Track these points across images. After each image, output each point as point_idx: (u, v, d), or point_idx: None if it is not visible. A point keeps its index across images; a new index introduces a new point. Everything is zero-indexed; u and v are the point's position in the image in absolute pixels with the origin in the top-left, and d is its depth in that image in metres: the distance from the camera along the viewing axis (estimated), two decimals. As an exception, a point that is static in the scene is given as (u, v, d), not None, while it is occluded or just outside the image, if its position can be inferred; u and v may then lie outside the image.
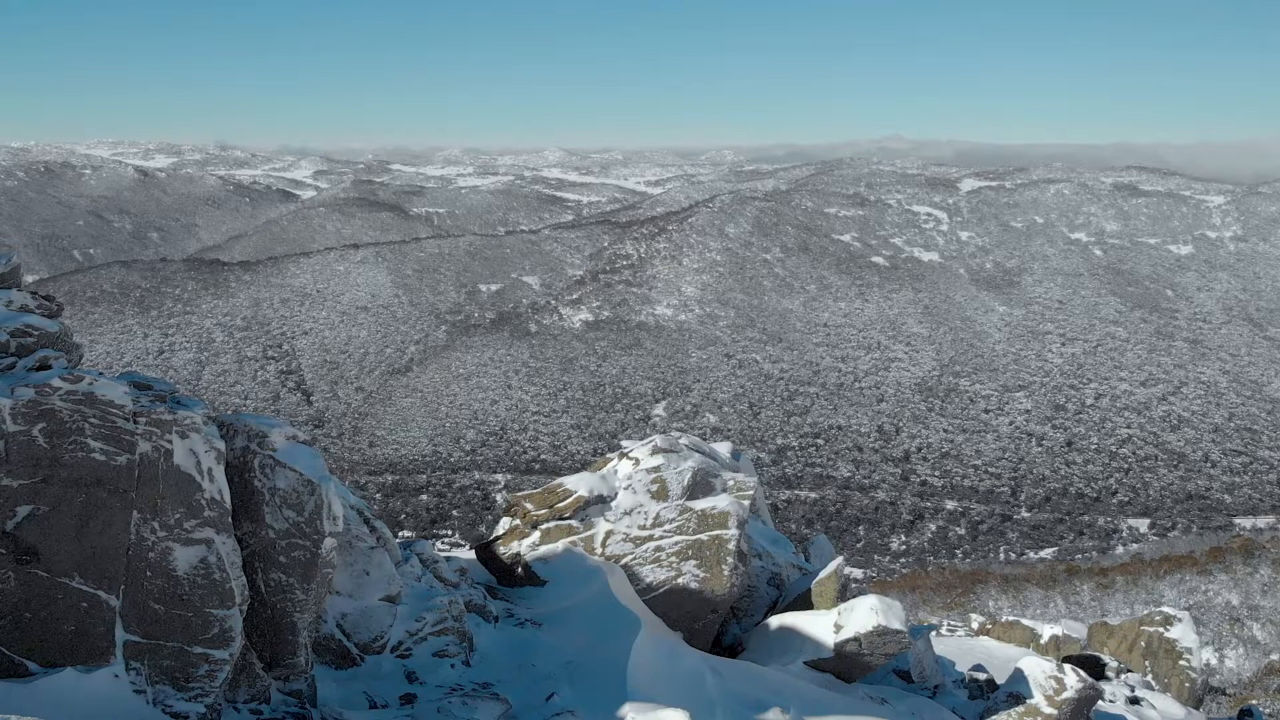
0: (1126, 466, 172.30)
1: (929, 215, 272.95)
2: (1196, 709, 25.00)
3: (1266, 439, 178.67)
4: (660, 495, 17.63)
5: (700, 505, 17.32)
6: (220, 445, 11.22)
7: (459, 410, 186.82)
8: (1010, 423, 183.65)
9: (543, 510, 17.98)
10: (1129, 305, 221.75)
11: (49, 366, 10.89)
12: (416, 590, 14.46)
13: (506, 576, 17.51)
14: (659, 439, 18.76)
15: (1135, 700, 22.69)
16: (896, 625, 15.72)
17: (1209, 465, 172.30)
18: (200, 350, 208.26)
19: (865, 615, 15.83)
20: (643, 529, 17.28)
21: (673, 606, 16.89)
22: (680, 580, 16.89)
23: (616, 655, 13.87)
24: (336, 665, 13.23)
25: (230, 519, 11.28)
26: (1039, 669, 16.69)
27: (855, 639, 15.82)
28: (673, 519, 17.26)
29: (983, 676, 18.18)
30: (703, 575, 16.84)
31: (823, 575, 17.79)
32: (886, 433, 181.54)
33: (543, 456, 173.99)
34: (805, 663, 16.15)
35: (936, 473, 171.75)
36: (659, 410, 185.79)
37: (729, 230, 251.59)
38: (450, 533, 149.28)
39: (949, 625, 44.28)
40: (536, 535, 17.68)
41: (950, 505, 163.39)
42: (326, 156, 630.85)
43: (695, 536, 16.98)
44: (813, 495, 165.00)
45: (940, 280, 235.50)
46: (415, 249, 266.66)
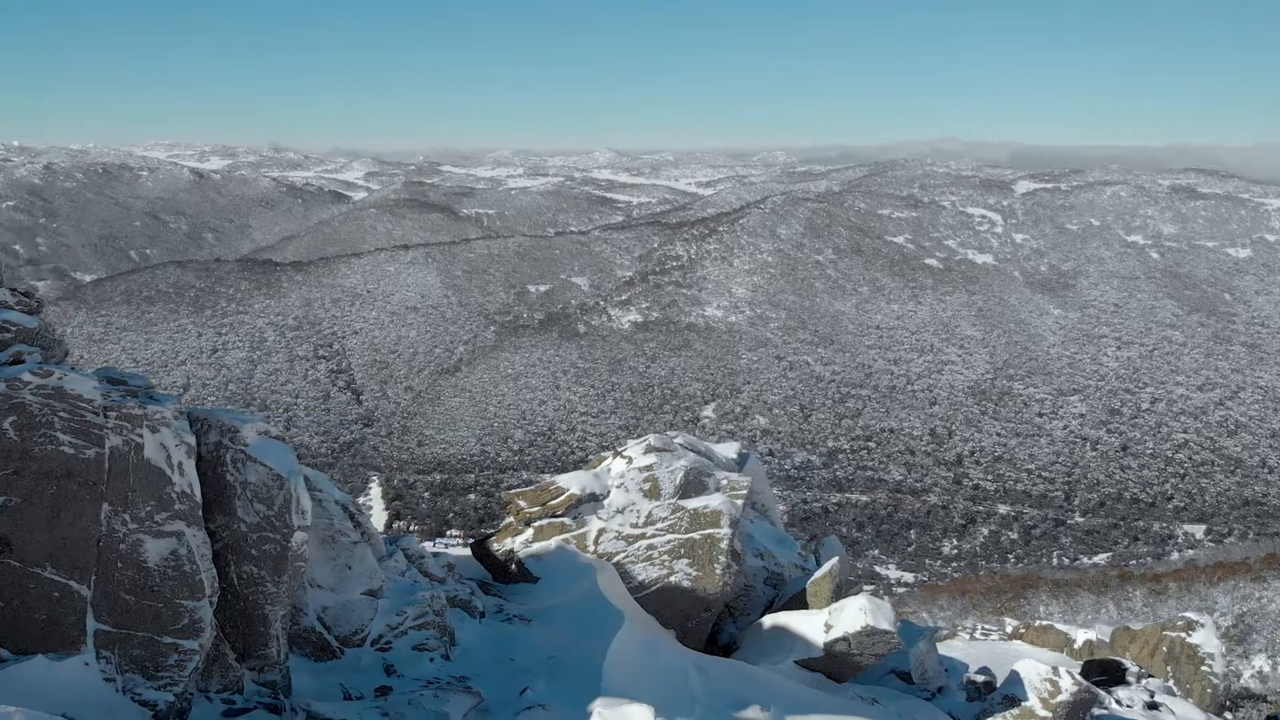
0: (1182, 472, 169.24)
1: (983, 217, 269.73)
2: (1218, 715, 24.63)
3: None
4: (653, 494, 17.59)
5: (693, 504, 17.27)
6: (191, 440, 11.36)
7: (507, 410, 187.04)
8: (1064, 427, 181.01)
9: (536, 508, 18.02)
10: (1186, 309, 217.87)
11: (22, 361, 11.03)
12: (400, 585, 14.54)
13: (501, 573, 17.57)
14: (653, 438, 18.76)
15: (1154, 705, 22.38)
16: (885, 625, 15.59)
17: (1266, 471, 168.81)
18: (253, 349, 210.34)
19: (854, 615, 15.74)
20: (635, 527, 17.25)
21: (665, 604, 16.87)
22: (673, 579, 16.87)
23: (597, 652, 13.88)
24: (316, 657, 13.35)
25: (201, 512, 11.44)
26: (1035, 672, 16.54)
27: (844, 639, 15.76)
28: (665, 517, 17.22)
29: (981, 678, 18.06)
30: (695, 574, 16.81)
31: (818, 575, 17.63)
32: (939, 436, 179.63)
33: (590, 457, 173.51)
34: (796, 662, 16.08)
35: (989, 476, 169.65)
36: (708, 412, 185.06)
37: (781, 231, 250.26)
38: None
39: (983, 629, 43.80)
40: (530, 532, 17.75)
41: (1003, 509, 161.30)
42: (378, 158, 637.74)
43: (688, 535, 16.93)
44: (864, 498, 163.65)
45: (994, 283, 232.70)
46: (465, 250, 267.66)
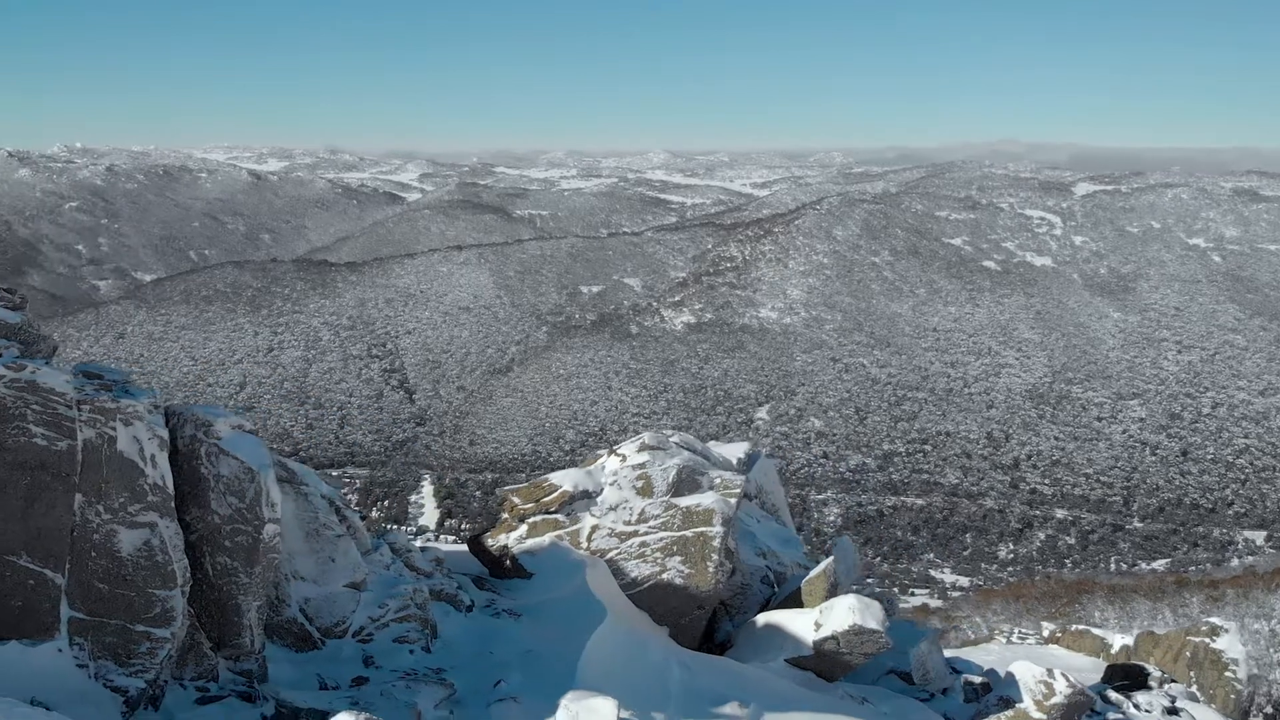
0: (1243, 477, 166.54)
1: (1042, 219, 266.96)
2: (1241, 722, 24.25)
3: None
4: (645, 491, 17.71)
5: (685, 502, 17.36)
6: (163, 433, 11.66)
7: (559, 410, 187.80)
8: (1123, 431, 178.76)
9: (529, 504, 18.24)
10: (1248, 312, 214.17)
11: (-1, 356, 11.23)
12: (384, 578, 14.78)
13: (496, 568, 17.82)
14: (647, 436, 18.87)
15: (1174, 711, 22.02)
16: (873, 625, 15.62)
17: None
18: (308, 348, 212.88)
19: (843, 614, 15.79)
20: (628, 524, 17.37)
21: (658, 601, 16.97)
22: (665, 576, 16.96)
23: (577, 646, 14.08)
24: (297, 648, 13.64)
25: (173, 504, 11.73)
26: (1029, 674, 16.53)
27: (833, 637, 15.80)
28: (658, 515, 17.33)
29: (979, 679, 17.88)
30: (688, 571, 16.89)
31: (812, 574, 17.71)
32: (996, 439, 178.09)
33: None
34: (787, 660, 16.15)
35: (1046, 481, 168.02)
36: (762, 414, 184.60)
37: (837, 233, 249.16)
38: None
39: (1020, 633, 43.42)
40: (524, 529, 17.97)
41: (1060, 514, 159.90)
42: (432, 159, 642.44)
43: (680, 533, 17.02)
44: (919, 502, 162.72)
45: (1053, 285, 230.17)
46: (517, 250, 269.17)
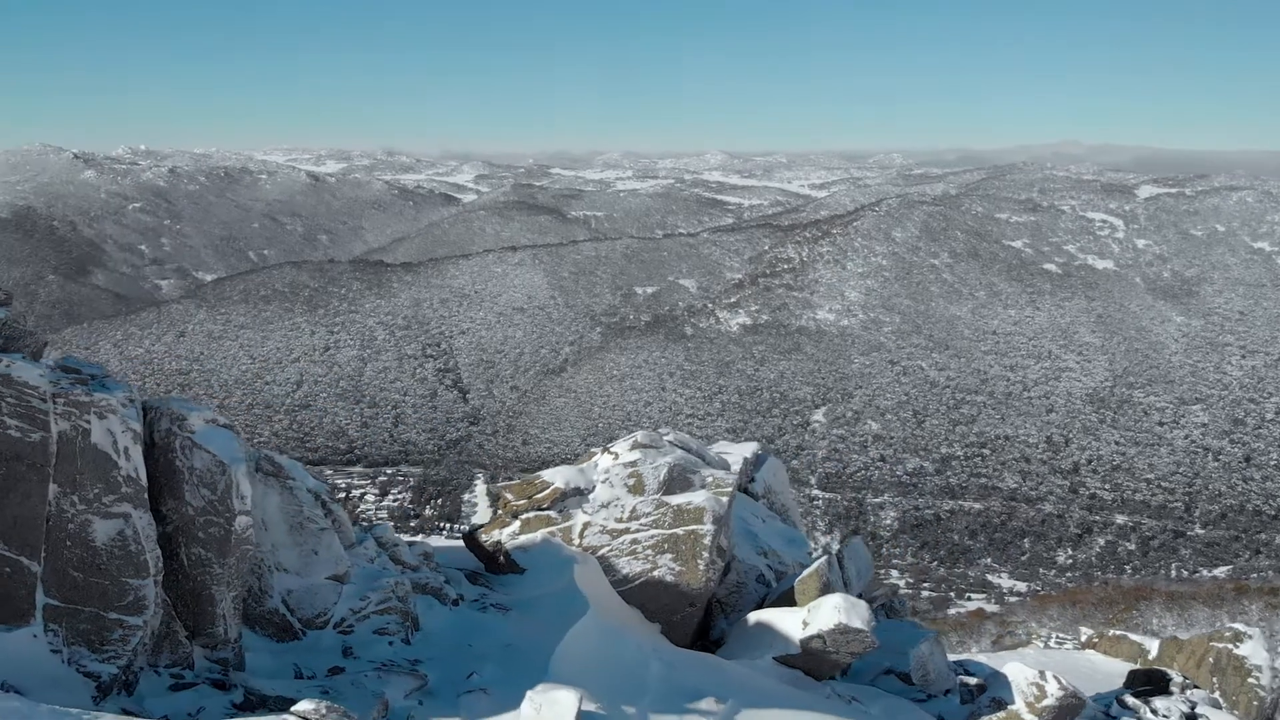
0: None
1: (1104, 222, 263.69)
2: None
3: None
4: (637, 489, 17.86)
5: (676, 500, 17.51)
6: (137, 426, 12.00)
7: (612, 411, 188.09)
8: (1186, 436, 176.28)
9: (522, 500, 18.53)
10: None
11: (-20, 351, 11.64)
12: (367, 571, 15.10)
13: (491, 563, 18.14)
14: (640, 435, 19.20)
15: (1192, 717, 21.70)
16: (858, 624, 15.67)
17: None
18: (363, 348, 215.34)
19: (829, 613, 15.88)
20: (619, 521, 17.56)
21: (650, 598, 17.16)
22: (656, 573, 17.13)
23: (555, 640, 14.26)
24: (278, 638, 13.97)
25: (146, 495, 12.04)
26: (1022, 675, 16.47)
27: (820, 636, 15.87)
28: (649, 513, 17.49)
29: (973, 681, 17.92)
30: (679, 569, 17.05)
31: (804, 574, 17.77)
32: (1055, 444, 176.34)
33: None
34: (775, 658, 16.24)
35: (1107, 486, 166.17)
36: (818, 416, 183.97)
37: (895, 234, 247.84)
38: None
39: (1058, 638, 43.07)
40: (516, 525, 18.26)
41: (1120, 519, 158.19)
42: (488, 161, 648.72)
43: (671, 531, 17.19)
44: (977, 506, 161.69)
45: (1115, 289, 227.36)
46: (572, 251, 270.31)
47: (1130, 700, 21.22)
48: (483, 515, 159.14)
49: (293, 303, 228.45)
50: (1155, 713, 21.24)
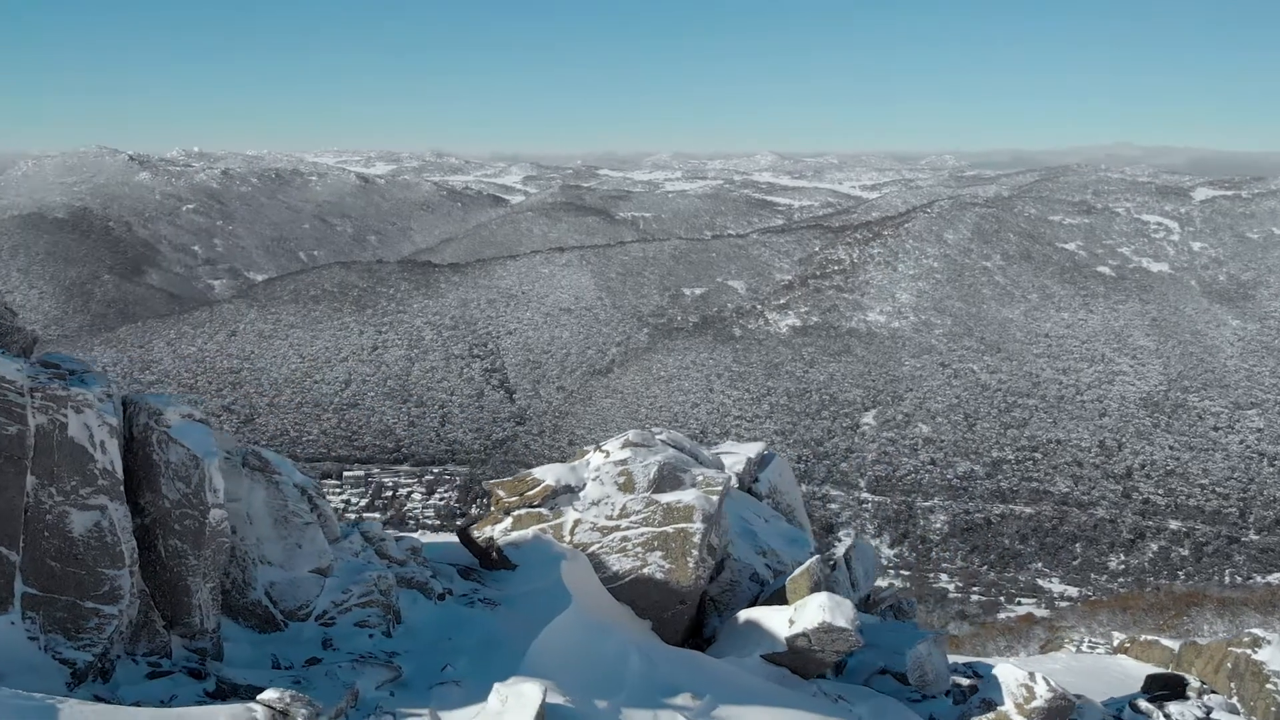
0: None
1: (1159, 225, 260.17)
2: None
3: None
4: (627, 487, 17.96)
5: (666, 499, 17.59)
6: (113, 421, 12.32)
7: (659, 412, 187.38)
8: (1241, 441, 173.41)
9: (514, 498, 18.66)
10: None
11: (-36, 347, 11.94)
12: (351, 565, 15.30)
13: (485, 559, 18.31)
14: (632, 434, 19.30)
15: (1206, 722, 21.44)
16: (842, 623, 15.67)
17: None
18: (410, 347, 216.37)
19: (813, 612, 15.93)
20: (610, 519, 17.66)
21: (640, 595, 17.24)
22: (646, 570, 17.22)
23: (535, 635, 14.32)
24: (260, 629, 14.28)
25: (122, 488, 12.36)
26: (1011, 677, 16.47)
27: (804, 634, 15.89)
28: (639, 511, 17.58)
29: (965, 682, 17.87)
30: (668, 566, 17.11)
31: (795, 573, 17.74)
32: (1108, 448, 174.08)
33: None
34: (762, 656, 16.28)
35: (1160, 491, 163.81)
36: (868, 419, 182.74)
37: (947, 236, 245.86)
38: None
39: (1090, 642, 42.63)
40: (508, 521, 18.39)
41: (1173, 525, 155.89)
42: (536, 162, 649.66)
43: (661, 529, 17.28)
44: (1028, 510, 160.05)
45: (1170, 292, 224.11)
46: (620, 252, 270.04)
47: (1143, 705, 21.00)
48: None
49: (342, 303, 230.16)
50: (1168, 717, 20.98)
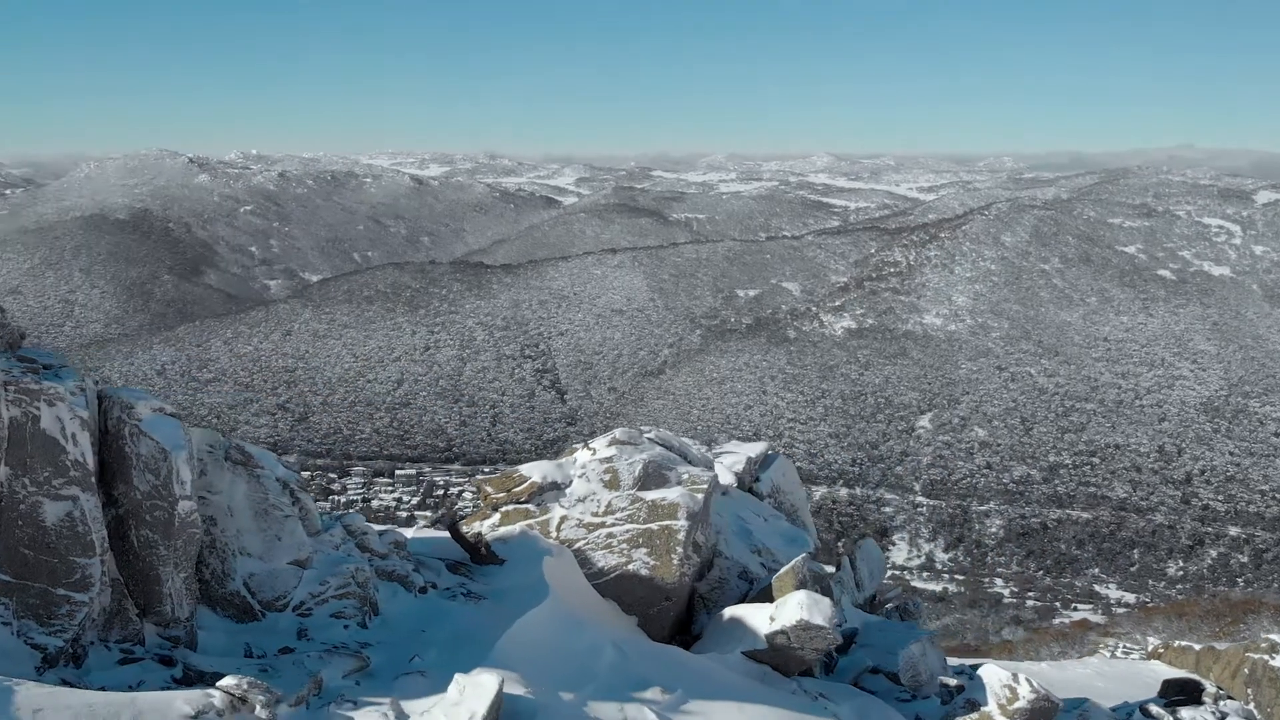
0: None
1: (1220, 228, 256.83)
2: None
3: None
4: (612, 484, 18.21)
5: (651, 496, 17.86)
6: (84, 414, 12.67)
7: (711, 414, 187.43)
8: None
9: (501, 494, 18.96)
10: None
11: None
12: (330, 557, 15.69)
13: (475, 554, 18.66)
14: (618, 432, 19.54)
15: (1221, 728, 21.14)
16: (819, 621, 15.68)
17: None
18: (462, 348, 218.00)
19: (792, 610, 15.98)
20: (595, 516, 17.93)
21: (625, 592, 17.51)
22: (631, 567, 17.49)
23: (504, 628, 14.54)
24: (238, 619, 14.66)
25: (94, 479, 12.73)
26: (995, 678, 16.30)
27: (784, 632, 15.96)
28: (624, 508, 17.85)
29: (952, 683, 17.91)
30: (653, 563, 17.39)
31: (782, 571, 17.81)
32: (1167, 453, 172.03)
33: (798, 465, 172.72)
34: (744, 653, 16.39)
35: (1220, 497, 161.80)
36: (924, 422, 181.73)
37: (1005, 239, 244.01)
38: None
39: (1124, 648, 42.27)
40: (496, 517, 18.71)
41: (1233, 531, 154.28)
42: (589, 164, 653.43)
43: (646, 526, 17.56)
44: (1085, 515, 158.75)
45: (1231, 296, 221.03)
46: (673, 254, 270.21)
47: (1154, 709, 20.70)
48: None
49: (395, 303, 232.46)
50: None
